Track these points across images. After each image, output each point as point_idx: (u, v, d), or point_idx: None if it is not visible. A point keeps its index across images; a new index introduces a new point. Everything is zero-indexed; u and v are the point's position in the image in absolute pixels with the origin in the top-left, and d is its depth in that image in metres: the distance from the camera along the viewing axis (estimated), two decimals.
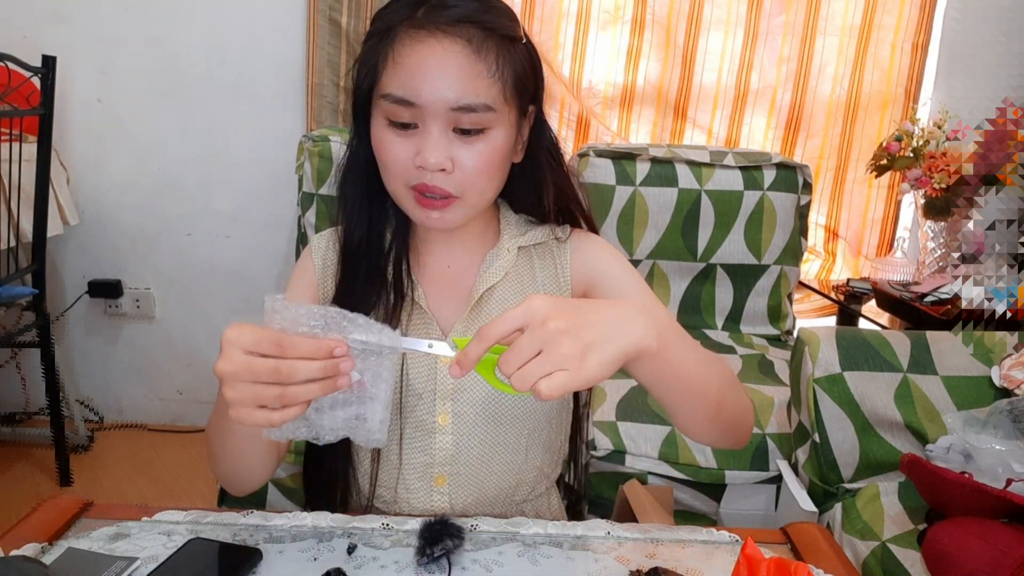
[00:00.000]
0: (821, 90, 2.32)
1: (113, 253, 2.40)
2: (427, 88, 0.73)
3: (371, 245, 0.86)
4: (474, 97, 0.74)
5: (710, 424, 0.75)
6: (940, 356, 1.40)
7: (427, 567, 0.72)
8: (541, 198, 0.88)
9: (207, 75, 2.26)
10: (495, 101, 0.75)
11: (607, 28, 2.29)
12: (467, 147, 0.76)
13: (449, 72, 0.73)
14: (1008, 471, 1.15)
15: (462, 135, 0.76)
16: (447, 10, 0.74)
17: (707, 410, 0.73)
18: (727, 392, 0.75)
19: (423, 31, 0.74)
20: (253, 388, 0.58)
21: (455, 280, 0.88)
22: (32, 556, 0.70)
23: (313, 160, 1.97)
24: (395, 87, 0.74)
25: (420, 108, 0.74)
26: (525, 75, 0.79)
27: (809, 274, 2.45)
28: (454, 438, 0.85)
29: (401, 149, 0.76)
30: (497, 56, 0.75)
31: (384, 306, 0.85)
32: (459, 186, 0.77)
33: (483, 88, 0.74)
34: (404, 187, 0.78)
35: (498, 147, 0.78)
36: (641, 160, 2.09)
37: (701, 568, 0.73)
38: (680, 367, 0.68)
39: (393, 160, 0.77)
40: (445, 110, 0.74)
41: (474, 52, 0.74)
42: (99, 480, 2.21)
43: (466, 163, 0.76)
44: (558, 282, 0.88)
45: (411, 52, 0.74)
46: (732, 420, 0.76)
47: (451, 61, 0.73)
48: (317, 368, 0.58)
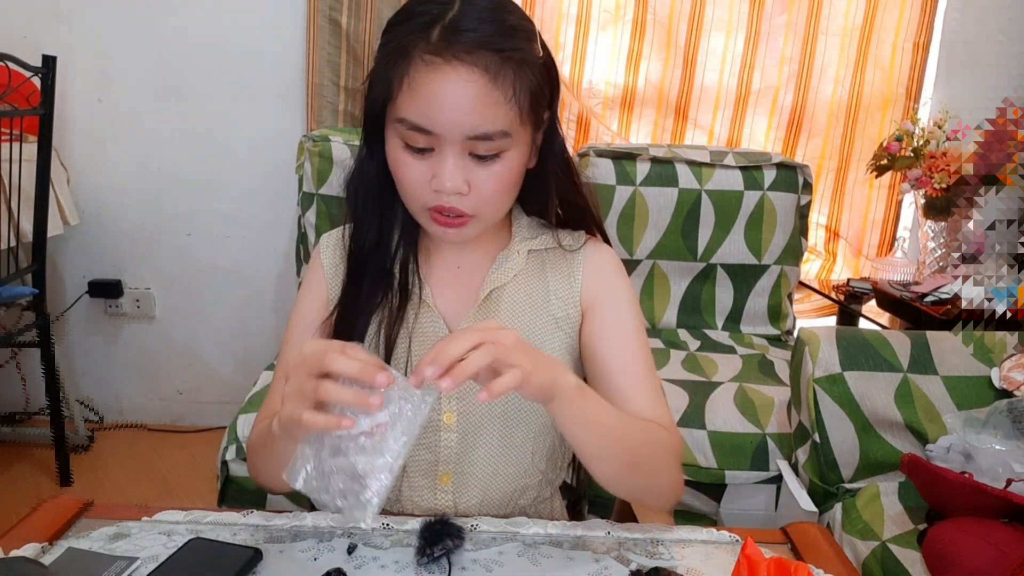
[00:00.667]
0: (822, 90, 2.32)
1: (113, 253, 2.40)
2: (444, 118, 0.73)
3: (379, 249, 0.86)
4: (491, 125, 0.74)
5: (624, 474, 0.78)
6: (940, 356, 1.40)
7: (427, 567, 0.72)
8: (551, 203, 0.88)
9: (207, 75, 2.26)
10: (511, 126, 0.75)
11: (607, 28, 2.29)
12: (484, 169, 0.76)
13: (466, 102, 0.72)
14: (1008, 471, 1.15)
15: (479, 159, 0.76)
16: (463, 35, 0.72)
17: (621, 458, 0.76)
18: (646, 449, 0.78)
19: (439, 59, 0.72)
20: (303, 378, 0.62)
21: (465, 280, 0.88)
22: (32, 556, 0.70)
23: (313, 160, 1.97)
24: (411, 113, 0.74)
25: (436, 136, 0.74)
26: (541, 91, 0.78)
27: (809, 274, 2.45)
28: (459, 436, 0.85)
29: (417, 172, 0.76)
30: (514, 81, 0.74)
31: (389, 306, 0.85)
32: (475, 207, 0.78)
33: (500, 115, 0.74)
34: (421, 207, 0.79)
35: (514, 167, 0.78)
36: (641, 160, 2.09)
37: (701, 568, 0.73)
38: (597, 415, 0.74)
39: (410, 182, 0.77)
40: (462, 138, 0.74)
41: (491, 81, 0.72)
42: (99, 480, 2.21)
43: (482, 185, 0.76)
44: (571, 288, 0.88)
45: (427, 80, 0.72)
46: (650, 477, 0.80)
47: (468, 91, 0.72)
48: (355, 368, 0.61)
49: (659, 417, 0.82)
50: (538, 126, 0.81)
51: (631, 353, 0.86)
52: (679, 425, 1.59)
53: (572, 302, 0.88)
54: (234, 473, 1.52)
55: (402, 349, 0.84)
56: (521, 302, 0.87)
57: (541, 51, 0.78)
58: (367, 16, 2.16)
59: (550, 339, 0.86)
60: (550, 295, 0.88)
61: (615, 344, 0.86)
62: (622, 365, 0.85)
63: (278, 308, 2.43)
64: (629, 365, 0.85)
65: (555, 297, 0.88)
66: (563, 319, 0.87)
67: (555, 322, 0.87)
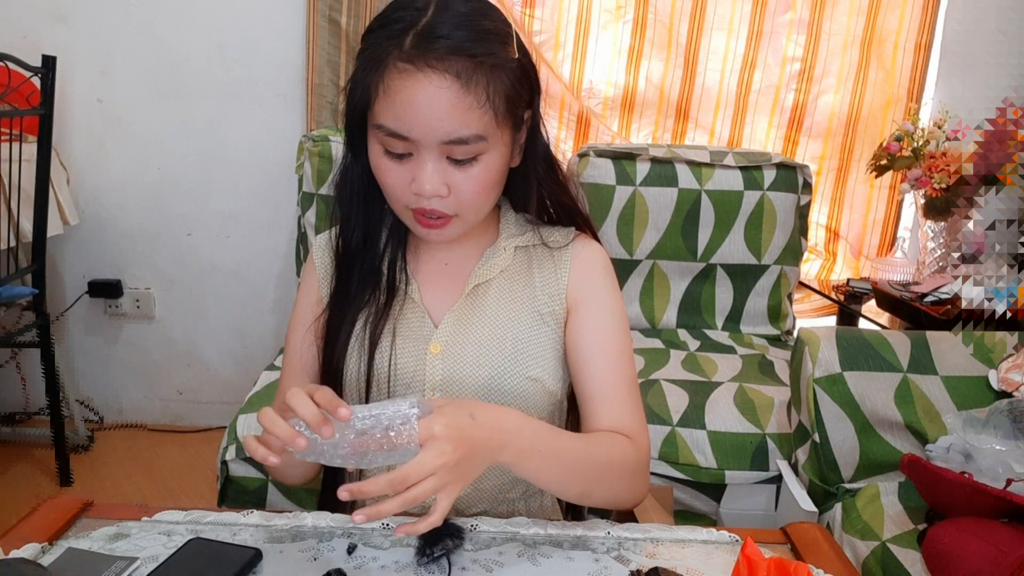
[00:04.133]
0: (824, 90, 2.32)
1: (113, 253, 2.40)
2: (418, 124, 0.74)
3: (367, 248, 0.88)
4: (465, 130, 0.74)
5: (579, 495, 0.82)
6: (940, 356, 1.40)
7: (427, 567, 0.72)
8: (534, 200, 0.90)
9: (207, 75, 2.26)
10: (487, 129, 0.76)
11: (608, 28, 2.28)
12: (462, 172, 0.77)
13: (439, 108, 0.73)
14: (1008, 471, 1.15)
15: (456, 163, 0.77)
16: (436, 41, 0.73)
17: (575, 488, 0.80)
18: (604, 472, 0.80)
19: (412, 66, 0.73)
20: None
21: (451, 275, 0.89)
22: (32, 556, 0.70)
23: (313, 160, 1.97)
24: (387, 120, 0.75)
25: (413, 141, 0.75)
26: (518, 93, 0.78)
27: (809, 274, 2.45)
28: None
29: (398, 176, 0.78)
30: (487, 85, 0.75)
31: (376, 304, 0.86)
32: (456, 207, 0.79)
33: (474, 120, 0.74)
34: (404, 208, 0.81)
35: (493, 168, 0.79)
36: (641, 160, 2.09)
37: (701, 568, 0.73)
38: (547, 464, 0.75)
39: (391, 185, 0.79)
40: (437, 143, 0.75)
41: (463, 87, 0.73)
42: (99, 480, 2.21)
43: (462, 187, 0.78)
44: (558, 283, 0.89)
45: (401, 87, 0.73)
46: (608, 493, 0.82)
47: (441, 97, 0.73)
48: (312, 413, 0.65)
49: (629, 426, 0.84)
50: (518, 126, 0.82)
51: (610, 358, 0.87)
52: (679, 425, 1.59)
53: (558, 298, 0.89)
54: (234, 473, 1.52)
55: (386, 344, 0.86)
56: (506, 297, 0.88)
57: (517, 53, 0.78)
58: (367, 16, 2.16)
59: (535, 335, 0.87)
60: (536, 291, 0.89)
61: (595, 347, 0.87)
62: (599, 370, 0.86)
63: (278, 308, 2.43)
64: (606, 371, 0.86)
65: (541, 292, 0.89)
66: (548, 315, 0.88)
67: (540, 317, 0.88)
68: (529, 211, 0.92)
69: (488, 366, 0.85)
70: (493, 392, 0.85)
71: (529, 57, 0.81)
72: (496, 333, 0.86)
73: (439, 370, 0.85)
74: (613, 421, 0.84)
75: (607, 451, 0.80)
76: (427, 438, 0.65)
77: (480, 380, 0.84)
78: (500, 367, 0.85)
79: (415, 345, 0.86)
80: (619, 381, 0.86)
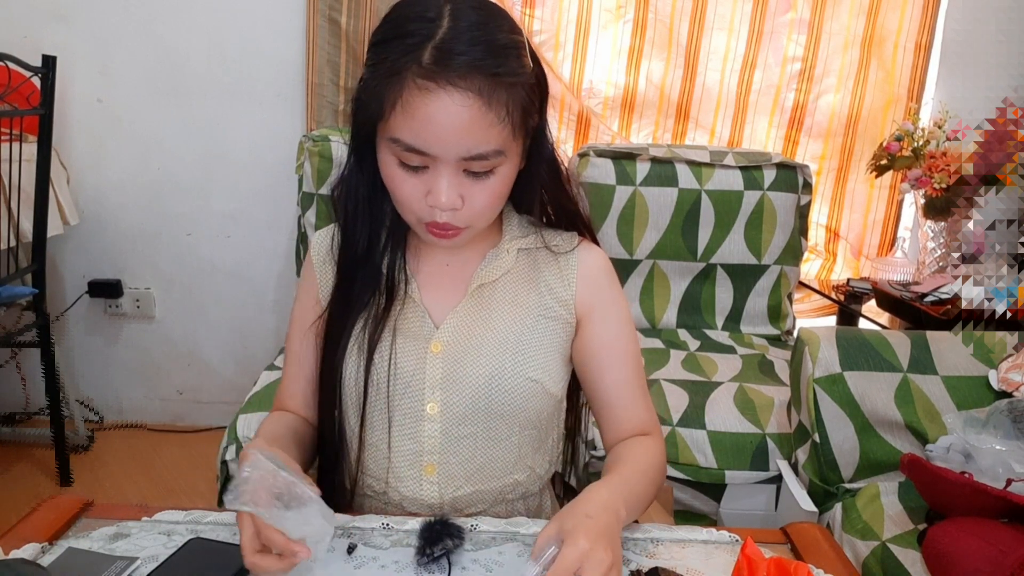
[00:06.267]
0: (824, 90, 2.32)
1: (113, 253, 2.40)
2: (438, 141, 0.73)
3: (369, 252, 0.87)
4: (486, 146, 0.74)
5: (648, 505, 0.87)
6: (940, 356, 1.40)
7: (427, 567, 0.72)
8: (538, 203, 0.91)
9: (207, 75, 2.26)
10: (504, 143, 0.76)
11: (608, 28, 2.28)
12: (478, 184, 0.77)
13: (461, 126, 0.72)
14: (1008, 471, 1.15)
15: (473, 175, 0.77)
16: (455, 58, 0.71)
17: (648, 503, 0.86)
18: (656, 487, 0.86)
19: (433, 83, 0.72)
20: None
21: (453, 276, 0.89)
22: (32, 556, 0.70)
23: (313, 160, 1.97)
24: (405, 135, 0.74)
25: (431, 156, 0.74)
26: (532, 103, 0.78)
27: (809, 274, 2.45)
28: (443, 427, 0.86)
29: (412, 188, 0.77)
30: (507, 101, 0.74)
31: (376, 306, 0.86)
32: (469, 219, 0.79)
33: (494, 136, 0.74)
34: (417, 220, 0.80)
35: (506, 177, 0.79)
36: (641, 160, 2.09)
37: (701, 568, 0.73)
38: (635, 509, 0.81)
39: (405, 197, 0.78)
40: (457, 159, 0.74)
41: (485, 104, 0.72)
42: (99, 480, 2.21)
43: (476, 199, 0.78)
44: (566, 289, 0.89)
45: (421, 104, 0.72)
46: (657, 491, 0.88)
47: (462, 116, 0.72)
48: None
49: (647, 423, 0.90)
50: (529, 134, 0.82)
51: (627, 365, 0.90)
52: (679, 425, 1.59)
53: (566, 304, 0.89)
54: (234, 473, 1.52)
55: (386, 343, 0.86)
56: (509, 299, 0.88)
57: (532, 64, 0.78)
58: (367, 16, 2.16)
59: (538, 337, 0.87)
60: (543, 293, 0.89)
61: (612, 357, 0.90)
62: (617, 377, 0.89)
63: (278, 308, 2.43)
64: (623, 377, 0.90)
65: (548, 295, 0.89)
66: (553, 318, 0.89)
67: (544, 320, 0.88)
68: (532, 213, 0.92)
69: (489, 365, 0.85)
70: (493, 391, 0.85)
71: (540, 65, 0.81)
72: (499, 333, 0.86)
73: (439, 369, 0.85)
74: (636, 423, 0.89)
75: (652, 461, 0.86)
76: (581, 557, 0.63)
77: (480, 379, 0.84)
78: (501, 367, 0.85)
79: (415, 345, 0.86)
80: (635, 385, 0.91)
